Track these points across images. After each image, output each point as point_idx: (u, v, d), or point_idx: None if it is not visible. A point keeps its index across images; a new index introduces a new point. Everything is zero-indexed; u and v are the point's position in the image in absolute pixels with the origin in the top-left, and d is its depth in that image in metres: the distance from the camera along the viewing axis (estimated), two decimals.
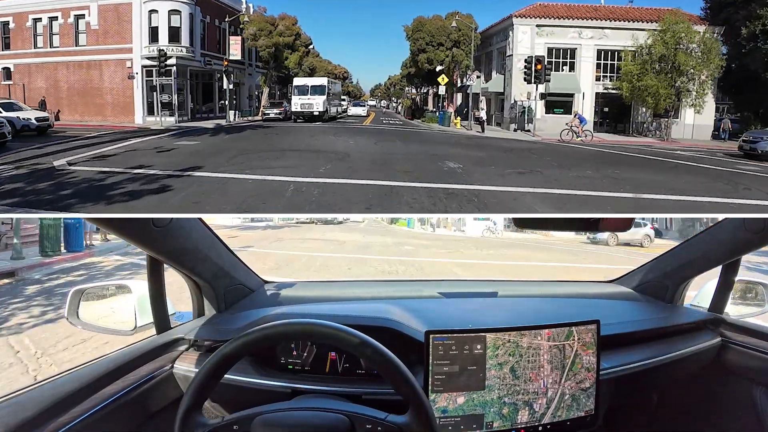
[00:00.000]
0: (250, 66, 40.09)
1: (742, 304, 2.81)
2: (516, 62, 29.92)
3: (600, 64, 30.87)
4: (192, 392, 1.38)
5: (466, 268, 15.32)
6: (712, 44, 26.67)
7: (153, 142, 17.64)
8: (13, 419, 1.37)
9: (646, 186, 10.62)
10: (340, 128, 26.58)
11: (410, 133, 25.86)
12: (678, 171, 13.92)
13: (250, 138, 19.34)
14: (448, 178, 10.69)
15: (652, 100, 27.02)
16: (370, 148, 16.43)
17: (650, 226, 27.77)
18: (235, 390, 1.88)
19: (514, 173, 11.91)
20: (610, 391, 2.04)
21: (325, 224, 39.39)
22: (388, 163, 12.78)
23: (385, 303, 2.40)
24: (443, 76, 33.16)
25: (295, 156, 13.76)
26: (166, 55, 26.72)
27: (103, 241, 18.65)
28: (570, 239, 32.43)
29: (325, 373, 1.98)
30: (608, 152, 18.94)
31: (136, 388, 1.77)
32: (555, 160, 15.18)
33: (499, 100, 34.11)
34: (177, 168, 11.08)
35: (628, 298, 2.83)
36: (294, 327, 1.39)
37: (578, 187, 10.25)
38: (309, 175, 10.47)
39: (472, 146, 18.88)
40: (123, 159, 12.93)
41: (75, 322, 2.22)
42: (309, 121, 31.69)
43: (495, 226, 34.33)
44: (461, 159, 14.16)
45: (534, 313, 2.39)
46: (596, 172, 12.46)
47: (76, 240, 15.94)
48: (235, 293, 2.42)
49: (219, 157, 13.10)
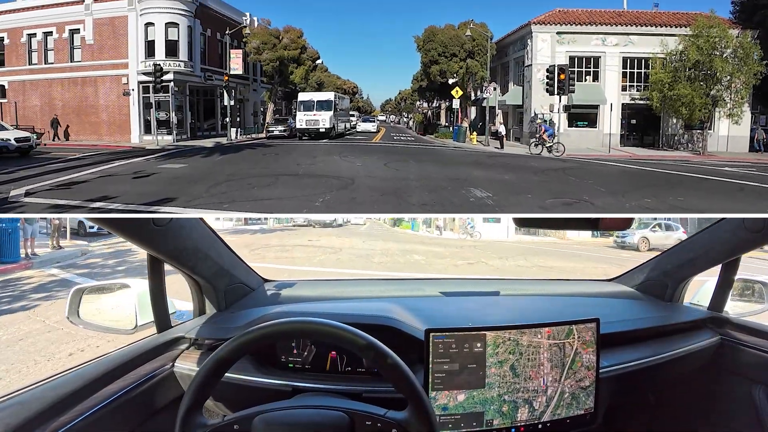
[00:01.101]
0: (254, 81, 38.56)
1: (742, 302, 2.84)
2: (536, 72, 28.15)
3: (626, 72, 28.93)
4: (193, 392, 1.36)
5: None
6: (749, 48, 24.59)
7: (135, 165, 15.94)
8: (15, 418, 1.38)
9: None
10: (347, 146, 24.65)
11: (424, 151, 23.73)
12: (747, 194, 11.79)
13: (245, 159, 17.41)
14: (479, 215, 8.53)
15: (686, 110, 25.07)
16: (379, 171, 14.28)
17: (682, 230, 26.49)
18: (236, 388, 1.89)
19: (558, 204, 9.76)
20: (609, 389, 2.04)
21: (323, 227, 37.98)
22: (400, 192, 10.64)
23: (386, 302, 2.41)
24: (457, 88, 31.33)
25: (289, 183, 11.75)
26: (163, 70, 25.08)
27: (54, 249, 16.84)
28: (591, 242, 30.94)
29: (325, 371, 2.00)
30: (650, 171, 16.83)
31: (137, 387, 1.78)
32: (599, 183, 13.02)
33: (517, 114, 32.25)
34: (145, 201, 9.38)
35: (628, 296, 2.86)
36: (286, 326, 1.38)
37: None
38: (301, 210, 8.50)
39: (496, 166, 16.75)
40: (91, 187, 11.32)
41: (76, 322, 2.24)
42: (315, 138, 29.83)
43: (472, 228, 32.93)
44: (488, 184, 12.04)
45: (534, 311, 2.42)
46: (657, 201, 10.36)
47: (9, 248, 13.90)
48: (235, 292, 2.44)
49: (200, 185, 11.19)
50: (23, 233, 14.88)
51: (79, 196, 9.95)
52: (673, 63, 25.68)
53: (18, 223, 14.51)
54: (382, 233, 35.56)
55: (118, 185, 11.49)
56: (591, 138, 27.75)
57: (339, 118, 33.30)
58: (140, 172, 13.96)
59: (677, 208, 9.49)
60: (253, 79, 38.07)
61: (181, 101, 29.45)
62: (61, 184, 11.83)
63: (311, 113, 30.41)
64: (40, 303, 9.50)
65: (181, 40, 28.55)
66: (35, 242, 15.88)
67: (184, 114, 29.85)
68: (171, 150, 22.02)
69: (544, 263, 18.21)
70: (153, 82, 24.79)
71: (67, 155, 19.14)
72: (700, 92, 24.64)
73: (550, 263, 18.21)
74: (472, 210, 8.88)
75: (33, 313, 8.69)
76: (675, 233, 25.70)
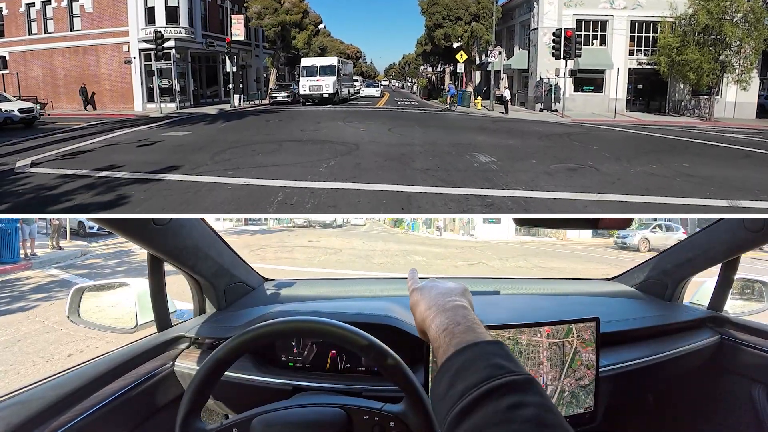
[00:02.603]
0: (257, 47, 37.93)
1: (742, 301, 2.83)
2: (542, 36, 27.67)
3: (634, 36, 28.31)
4: (192, 393, 1.33)
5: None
6: (760, 13, 23.97)
7: (139, 133, 15.85)
8: (16, 418, 1.38)
9: (733, 187, 8.42)
10: (351, 111, 24.36)
11: (429, 116, 23.45)
12: (753, 161, 11.68)
13: (248, 126, 17.25)
14: (483, 180, 8.55)
15: (694, 75, 24.48)
16: (384, 137, 14.26)
17: (683, 231, 26.49)
18: (237, 387, 1.88)
19: (563, 170, 9.66)
20: (609, 388, 2.05)
21: (323, 228, 38.13)
22: (404, 158, 10.64)
23: (386, 301, 2.38)
24: (462, 52, 30.73)
25: (293, 149, 11.73)
26: (164, 36, 24.72)
27: (53, 250, 16.96)
28: (592, 242, 30.77)
29: (325, 370, 2.00)
30: (656, 136, 16.65)
31: (138, 386, 1.78)
32: (604, 148, 12.89)
33: (523, 78, 31.81)
34: (149, 169, 9.30)
35: (627, 295, 2.85)
36: (285, 325, 1.36)
37: (651, 190, 8.01)
38: (305, 177, 8.47)
39: (501, 132, 16.58)
40: (96, 156, 11.27)
41: (76, 321, 2.23)
42: (318, 104, 29.57)
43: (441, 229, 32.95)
44: (493, 150, 11.97)
45: (534, 310, 2.40)
46: (662, 167, 10.24)
47: (8, 249, 13.94)
48: (235, 291, 2.44)
49: (204, 153, 11.17)
50: (23, 234, 14.88)
51: (85, 166, 9.88)
52: (682, 27, 24.94)
53: (17, 223, 14.54)
54: (383, 234, 35.32)
55: (123, 154, 11.43)
56: (596, 103, 27.44)
57: (342, 83, 32.87)
58: (144, 140, 13.91)
59: (682, 175, 9.34)
60: (255, 44, 37.47)
61: (183, 68, 29.11)
62: (67, 153, 11.76)
63: (314, 79, 30.09)
64: (39, 303, 9.56)
65: (182, 6, 28.02)
66: (35, 243, 15.93)
67: (187, 81, 29.49)
68: (174, 118, 21.83)
69: (545, 264, 18.17)
70: (154, 49, 24.53)
71: (71, 125, 19.00)
72: (709, 57, 24.05)
73: (551, 264, 18.18)
74: (476, 175, 8.85)
75: (32, 314, 8.73)
76: (675, 234, 25.58)
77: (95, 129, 17.29)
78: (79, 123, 19.77)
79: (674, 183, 8.73)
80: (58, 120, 22.08)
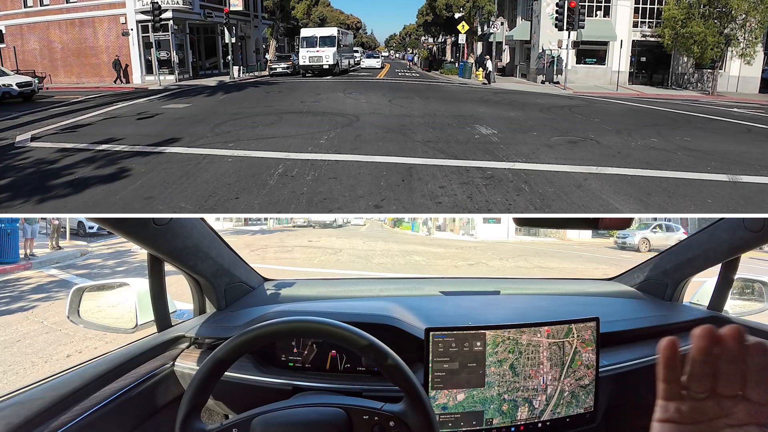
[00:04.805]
0: (255, 17, 37.36)
1: (742, 301, 2.83)
2: (545, 6, 27.25)
3: (638, 8, 27.89)
4: (191, 394, 1.33)
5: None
6: None
7: (139, 106, 15.73)
8: (16, 418, 1.38)
9: (733, 162, 8.38)
10: (352, 83, 24.14)
11: (429, 87, 23.24)
12: (754, 136, 11.61)
13: (248, 98, 17.10)
14: (483, 152, 8.53)
15: (698, 48, 24.23)
16: (384, 108, 14.18)
17: (683, 231, 26.55)
18: (237, 387, 1.89)
19: (564, 142, 9.64)
20: (609, 388, 2.05)
21: (323, 228, 38.04)
22: (405, 129, 10.60)
23: (386, 301, 2.42)
24: (463, 23, 30.40)
25: (293, 121, 11.67)
26: (161, 8, 24.29)
27: (53, 250, 16.98)
28: (592, 242, 30.76)
29: (325, 370, 2.01)
30: (658, 110, 16.52)
31: (138, 386, 1.78)
32: (605, 122, 12.81)
33: (525, 50, 31.42)
34: (150, 142, 9.28)
35: (627, 295, 2.86)
36: (285, 325, 1.35)
37: (651, 164, 8.01)
38: (306, 148, 8.47)
39: (502, 104, 16.47)
40: (96, 129, 11.21)
41: (76, 321, 2.23)
42: (318, 75, 29.28)
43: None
44: (494, 121, 11.92)
45: (534, 310, 2.42)
46: (664, 140, 10.19)
47: (8, 249, 13.90)
48: (235, 291, 2.44)
49: (204, 125, 11.13)
50: (22, 233, 14.86)
51: (85, 139, 9.85)
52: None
53: (17, 223, 14.52)
54: (383, 234, 35.18)
55: (123, 127, 11.40)
56: (599, 75, 27.21)
57: (342, 54, 32.48)
58: (144, 113, 13.82)
59: (683, 149, 9.29)
60: (254, 15, 36.89)
61: (182, 40, 28.69)
62: (66, 127, 11.71)
63: (314, 49, 29.73)
64: (38, 304, 9.57)
65: None
66: (34, 243, 15.92)
67: (185, 53, 29.11)
68: (174, 90, 21.62)
69: (545, 264, 18.15)
70: (152, 20, 24.13)
71: (70, 98, 18.86)
72: (714, 30, 23.78)
73: (551, 264, 18.17)
74: (477, 147, 8.85)
75: (31, 314, 8.74)
76: (675, 234, 25.65)
77: (94, 102, 17.18)
78: (77, 96, 19.63)
79: (674, 156, 8.71)
80: (56, 93, 21.86)
